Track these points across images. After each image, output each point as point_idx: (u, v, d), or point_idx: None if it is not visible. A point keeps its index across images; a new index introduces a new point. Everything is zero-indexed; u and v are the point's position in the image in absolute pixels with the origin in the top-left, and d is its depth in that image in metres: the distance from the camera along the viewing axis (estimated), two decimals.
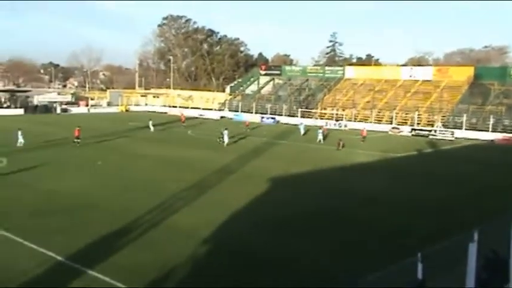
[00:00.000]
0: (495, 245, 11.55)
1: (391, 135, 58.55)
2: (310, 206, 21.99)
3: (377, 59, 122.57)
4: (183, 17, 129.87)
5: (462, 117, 58.04)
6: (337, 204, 22.36)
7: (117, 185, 25.24)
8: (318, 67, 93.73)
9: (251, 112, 75.31)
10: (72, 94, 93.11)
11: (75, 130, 39.42)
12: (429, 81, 71.67)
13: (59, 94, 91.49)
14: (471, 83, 67.34)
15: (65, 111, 78.77)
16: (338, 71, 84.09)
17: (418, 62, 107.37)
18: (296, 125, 60.80)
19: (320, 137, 46.93)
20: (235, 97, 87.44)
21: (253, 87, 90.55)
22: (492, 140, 53.22)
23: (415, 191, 25.84)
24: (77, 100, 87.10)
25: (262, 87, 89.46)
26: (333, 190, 25.59)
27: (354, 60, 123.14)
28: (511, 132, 53.68)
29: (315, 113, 71.10)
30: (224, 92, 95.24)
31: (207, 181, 26.61)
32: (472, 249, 10.82)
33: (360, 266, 14.02)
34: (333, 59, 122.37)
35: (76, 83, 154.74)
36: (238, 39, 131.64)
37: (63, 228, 17.39)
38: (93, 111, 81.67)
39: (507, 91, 63.79)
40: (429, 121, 61.53)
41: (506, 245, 13.47)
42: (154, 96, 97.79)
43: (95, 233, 16.67)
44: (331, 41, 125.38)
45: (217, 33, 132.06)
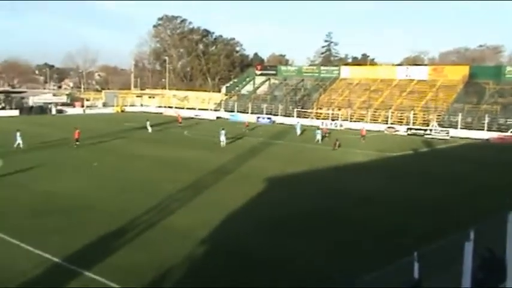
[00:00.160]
0: (491, 244, 11.61)
1: (386, 134, 58.70)
2: (306, 206, 22.03)
3: (372, 59, 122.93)
4: (179, 17, 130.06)
5: (457, 116, 58.22)
6: (332, 204, 22.41)
7: (114, 186, 25.22)
8: (313, 67, 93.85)
9: (247, 112, 75.32)
10: (67, 95, 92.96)
11: (75, 132, 39.43)
12: (424, 80, 71.84)
13: (54, 95, 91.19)
14: (466, 82, 67.56)
15: (60, 112, 78.60)
16: (333, 70, 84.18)
17: (414, 61, 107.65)
18: (292, 125, 60.90)
19: (318, 137, 47.07)
20: (231, 97, 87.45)
21: (249, 88, 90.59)
22: (487, 139, 53.42)
23: (411, 191, 25.92)
24: (72, 101, 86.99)
25: (258, 87, 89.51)
26: (328, 190, 25.63)
27: (350, 60, 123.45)
28: (506, 131, 53.86)
29: (310, 113, 71.19)
30: (220, 92, 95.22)
31: (204, 181, 26.62)
32: (468, 248, 10.88)
33: (356, 266, 14.06)
34: (329, 59, 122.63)
35: (71, 84, 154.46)
36: (234, 40, 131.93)
37: (60, 229, 17.38)
38: (88, 112, 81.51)
39: (502, 90, 64.05)
40: (425, 120, 61.71)
41: (502, 244, 13.55)
42: (149, 97, 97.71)
43: (92, 234, 16.67)
44: (326, 41, 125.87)
45: (213, 33, 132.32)
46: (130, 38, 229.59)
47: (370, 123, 63.04)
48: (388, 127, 61.43)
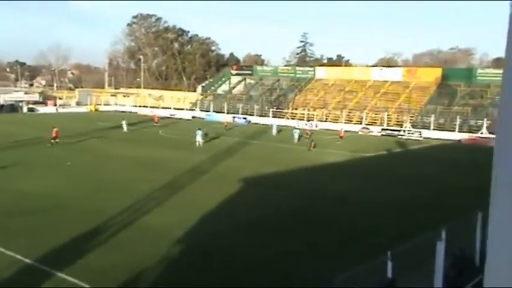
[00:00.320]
0: (462, 243, 11.90)
1: (361, 135, 59.36)
2: (281, 206, 22.11)
3: (347, 60, 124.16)
4: (153, 15, 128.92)
5: (430, 117, 59.34)
6: (307, 205, 22.53)
7: (89, 186, 24.89)
8: (289, 67, 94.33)
9: (223, 112, 75.22)
10: (39, 93, 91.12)
11: (52, 131, 39.00)
12: (398, 82, 72.94)
13: (26, 93, 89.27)
14: (439, 83, 68.88)
15: (31, 110, 77.15)
16: (309, 71, 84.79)
17: (388, 62, 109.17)
18: (268, 125, 61.06)
19: (296, 137, 47.43)
20: (207, 97, 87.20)
21: (225, 87, 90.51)
22: (459, 140, 54.55)
23: (385, 191, 26.23)
24: (45, 99, 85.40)
25: (234, 87, 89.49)
26: (303, 190, 25.77)
27: (325, 61, 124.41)
28: (477, 132, 55.08)
29: (286, 113, 71.51)
30: (195, 91, 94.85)
31: (180, 181, 26.50)
32: (440, 247, 11.15)
33: (330, 266, 14.13)
34: (304, 60, 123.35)
35: (43, 82, 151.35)
36: (210, 39, 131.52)
37: (33, 230, 17.08)
38: (61, 110, 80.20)
39: (473, 92, 65.50)
40: (398, 121, 62.66)
41: (472, 243, 13.89)
42: (124, 96, 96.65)
43: (66, 235, 16.43)
44: (302, 42, 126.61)
45: (188, 32, 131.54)
46: (104, 36, 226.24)
47: (345, 123, 63.71)
48: (363, 128, 62.15)
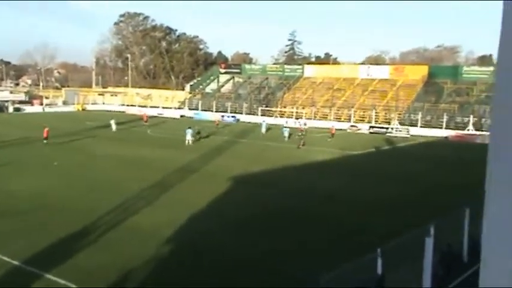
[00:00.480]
0: (450, 240, 12.02)
1: (349, 132, 59.60)
2: (270, 205, 22.12)
3: (335, 58, 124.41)
4: (141, 14, 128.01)
5: (417, 114, 59.80)
6: (296, 203, 22.53)
7: (78, 185, 24.72)
8: (277, 66, 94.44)
9: (211, 111, 75.09)
10: (25, 93, 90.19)
11: (44, 131, 38.89)
12: (386, 79, 73.33)
13: (11, 93, 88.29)
14: (425, 81, 69.39)
15: (17, 110, 76.36)
16: (297, 69, 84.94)
17: (375, 60, 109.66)
18: (257, 123, 61.10)
19: (286, 134, 47.66)
20: (195, 96, 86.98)
21: (213, 86, 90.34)
22: (446, 137, 55.02)
23: (373, 189, 26.31)
24: (31, 99, 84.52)
25: (222, 86, 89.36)
26: (292, 189, 25.78)
27: (313, 59, 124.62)
28: (464, 129, 55.61)
29: (275, 112, 71.59)
30: (184, 90, 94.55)
31: (169, 180, 26.43)
32: (429, 243, 11.28)
33: (319, 264, 14.17)
34: (292, 58, 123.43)
35: (29, 82, 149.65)
36: (198, 37, 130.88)
37: (20, 231, 16.92)
38: (48, 110, 79.46)
39: (459, 89, 66.14)
40: (386, 119, 63.07)
41: (459, 239, 14.04)
42: (112, 95, 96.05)
43: (54, 235, 16.30)
44: (290, 40, 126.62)
45: (176, 30, 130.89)
46: (91, 34, 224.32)
47: (334, 121, 63.94)
48: (351, 125, 62.42)
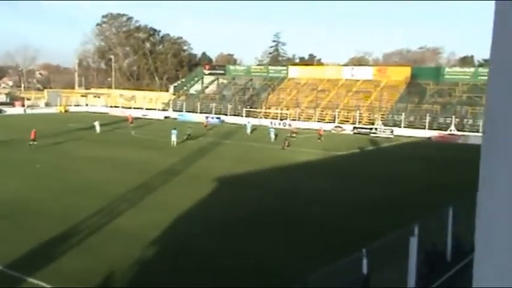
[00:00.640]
0: (434, 239, 12.10)
1: (334, 133, 59.83)
2: (254, 206, 22.04)
3: (319, 59, 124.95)
4: (124, 15, 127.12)
5: (401, 115, 60.32)
6: (281, 205, 22.43)
7: (60, 188, 24.39)
8: (261, 67, 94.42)
9: (196, 112, 74.83)
10: (6, 94, 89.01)
11: (31, 132, 38.36)
12: (369, 80, 73.81)
13: None
14: (408, 82, 70.00)
15: None
16: (281, 70, 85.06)
17: (359, 61, 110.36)
18: (241, 124, 61.07)
19: (272, 135, 47.75)
20: (179, 97, 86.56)
21: (198, 87, 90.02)
22: (429, 137, 55.57)
23: (358, 190, 26.37)
24: (12, 100, 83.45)
25: (207, 87, 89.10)
26: (277, 190, 25.71)
27: (297, 60, 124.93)
28: (446, 130, 56.22)
29: (259, 113, 71.61)
30: (168, 91, 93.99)
31: (153, 182, 26.23)
32: (413, 243, 11.35)
33: (305, 265, 14.20)
34: (277, 59, 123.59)
35: (11, 83, 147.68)
36: (181, 38, 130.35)
37: (1, 235, 16.64)
38: (29, 112, 78.35)
39: (441, 90, 66.87)
40: (370, 119, 63.48)
41: (443, 238, 14.13)
42: (95, 96, 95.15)
43: (36, 239, 16.04)
44: (274, 41, 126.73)
45: (159, 31, 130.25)
46: (74, 36, 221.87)
47: (318, 122, 64.17)
48: (336, 126, 62.69)
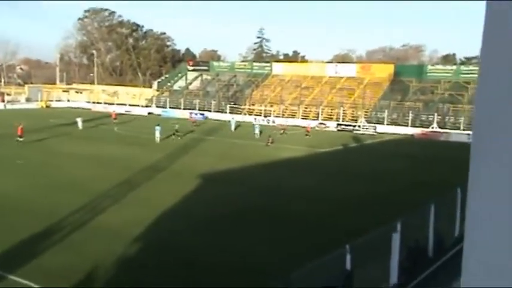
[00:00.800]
0: (416, 235, 12.25)
1: (317, 130, 60.00)
2: (238, 203, 22.05)
3: (303, 56, 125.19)
4: (107, 9, 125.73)
5: (384, 112, 60.83)
6: (265, 202, 22.48)
7: (41, 185, 24.11)
8: (245, 63, 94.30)
9: (179, 108, 74.48)
10: None
11: (18, 129, 38.00)
12: (353, 77, 74.21)
13: None
14: (392, 80, 70.58)
15: None
16: (265, 67, 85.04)
17: (343, 58, 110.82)
18: (225, 121, 60.99)
19: (257, 132, 47.93)
20: (163, 93, 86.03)
21: (181, 83, 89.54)
22: (412, 134, 56.11)
23: (341, 187, 26.49)
24: None
25: (190, 83, 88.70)
26: (261, 187, 25.74)
27: (281, 57, 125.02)
28: (428, 127, 56.84)
29: (243, 109, 71.55)
30: (151, 87, 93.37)
31: (137, 179, 26.08)
32: (396, 239, 11.48)
33: (289, 262, 14.21)
34: (261, 55, 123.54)
35: None
36: (165, 34, 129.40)
37: None
38: (10, 107, 77.18)
39: (423, 88, 67.56)
40: (353, 116, 63.86)
41: (425, 234, 14.30)
42: (77, 92, 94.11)
43: (18, 236, 15.86)
44: (258, 37, 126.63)
45: (142, 27, 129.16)
46: (55, 30, 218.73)
47: (302, 119, 64.35)
48: (319, 123, 62.94)
